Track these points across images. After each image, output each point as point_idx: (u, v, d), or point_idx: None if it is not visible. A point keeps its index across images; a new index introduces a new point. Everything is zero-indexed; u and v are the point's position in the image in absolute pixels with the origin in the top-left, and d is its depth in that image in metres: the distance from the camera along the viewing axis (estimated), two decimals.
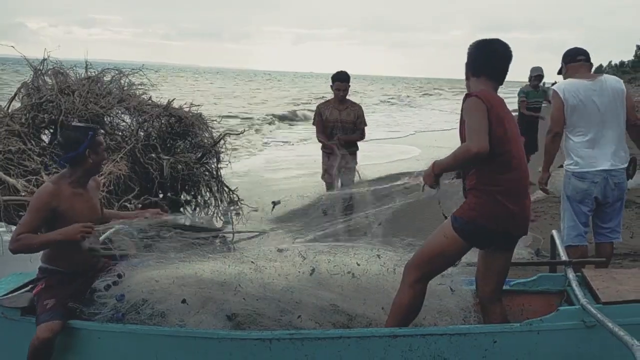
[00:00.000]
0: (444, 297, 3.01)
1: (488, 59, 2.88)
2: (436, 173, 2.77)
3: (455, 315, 2.98)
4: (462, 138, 2.84)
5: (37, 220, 3.03)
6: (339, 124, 6.01)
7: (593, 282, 2.98)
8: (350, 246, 3.16)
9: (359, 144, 6.21)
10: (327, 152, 6.06)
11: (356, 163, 5.99)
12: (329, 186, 6.04)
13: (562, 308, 2.83)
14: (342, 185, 5.92)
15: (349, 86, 6.11)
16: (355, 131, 6.08)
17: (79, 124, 3.31)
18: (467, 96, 2.79)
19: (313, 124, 6.30)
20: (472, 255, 3.08)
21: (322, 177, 6.17)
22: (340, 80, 6.04)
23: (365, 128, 6.17)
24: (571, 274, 3.14)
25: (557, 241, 3.49)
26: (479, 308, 3.06)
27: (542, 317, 2.77)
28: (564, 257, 3.35)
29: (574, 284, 2.98)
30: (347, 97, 6.15)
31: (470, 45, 2.94)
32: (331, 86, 6.12)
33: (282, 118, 25.47)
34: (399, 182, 3.19)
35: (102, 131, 6.22)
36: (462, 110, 2.79)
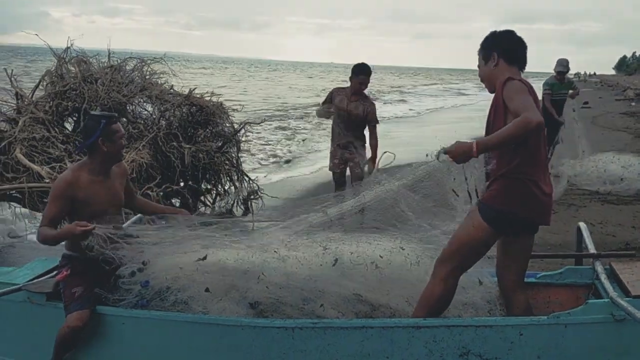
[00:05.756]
0: (469, 289, 2.97)
1: (520, 49, 2.92)
2: (479, 151, 2.59)
3: (480, 308, 2.94)
4: (489, 130, 2.79)
5: (56, 210, 3.03)
6: (345, 114, 5.90)
7: (622, 275, 2.93)
8: (374, 237, 3.13)
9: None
10: (339, 146, 6.00)
11: (364, 155, 5.88)
12: (337, 177, 6.04)
13: (590, 301, 2.78)
14: (352, 177, 5.88)
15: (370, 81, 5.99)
16: (364, 125, 5.96)
17: (95, 113, 3.27)
18: (507, 80, 2.72)
19: (322, 103, 6.23)
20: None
21: (330, 169, 6.11)
22: (366, 74, 5.87)
23: (377, 125, 6.02)
24: (599, 267, 3.08)
25: (584, 233, 3.42)
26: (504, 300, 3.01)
27: (570, 310, 2.72)
28: (591, 249, 3.29)
29: (603, 277, 2.93)
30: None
31: (499, 33, 2.93)
32: (350, 78, 5.95)
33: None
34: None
35: (123, 119, 6.26)
36: (500, 96, 2.71)
